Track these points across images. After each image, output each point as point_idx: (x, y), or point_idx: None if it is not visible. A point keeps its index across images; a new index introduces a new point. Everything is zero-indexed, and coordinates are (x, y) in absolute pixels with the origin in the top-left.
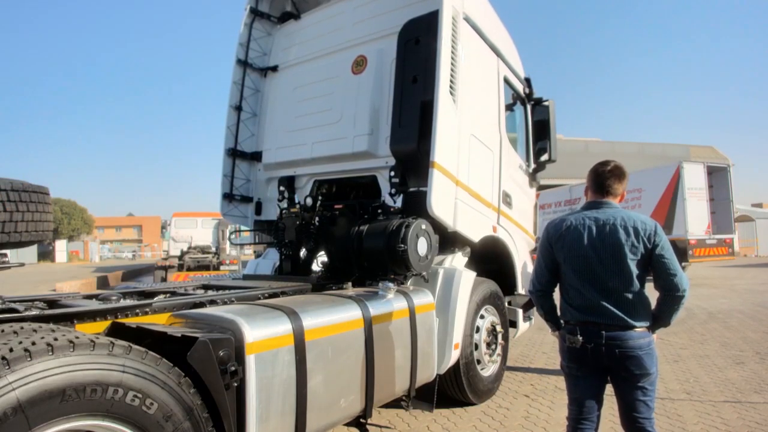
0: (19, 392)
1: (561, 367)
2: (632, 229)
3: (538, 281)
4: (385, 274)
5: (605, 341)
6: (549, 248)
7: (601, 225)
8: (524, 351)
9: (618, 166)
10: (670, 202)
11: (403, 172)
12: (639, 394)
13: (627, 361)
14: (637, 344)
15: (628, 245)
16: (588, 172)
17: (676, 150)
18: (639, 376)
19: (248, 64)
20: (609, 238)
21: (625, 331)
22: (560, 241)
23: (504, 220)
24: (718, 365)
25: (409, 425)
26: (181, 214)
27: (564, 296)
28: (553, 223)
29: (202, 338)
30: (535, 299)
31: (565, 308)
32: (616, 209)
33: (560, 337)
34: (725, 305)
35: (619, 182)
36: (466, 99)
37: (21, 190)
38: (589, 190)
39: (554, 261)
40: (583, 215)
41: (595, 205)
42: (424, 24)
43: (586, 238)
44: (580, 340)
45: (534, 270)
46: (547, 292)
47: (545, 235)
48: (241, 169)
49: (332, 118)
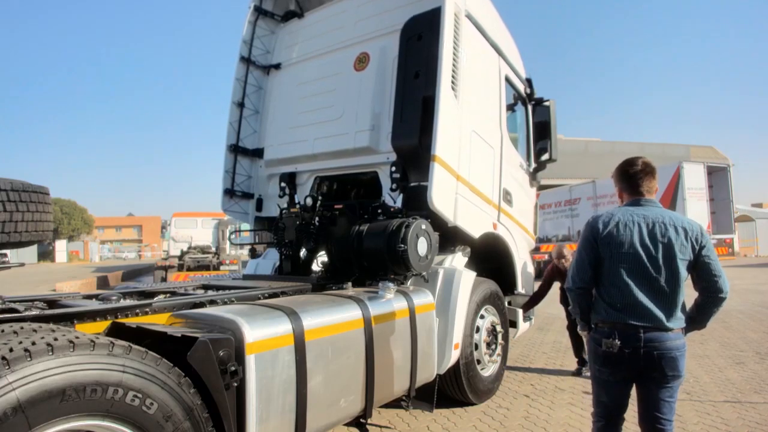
0: (19, 392)
1: (590, 371)
2: (681, 229)
3: (580, 278)
4: (385, 274)
5: (643, 344)
6: (594, 243)
7: (651, 223)
8: (524, 351)
9: (647, 163)
10: (670, 202)
11: (404, 167)
12: (666, 395)
13: (663, 362)
14: (674, 345)
15: (678, 245)
16: (615, 174)
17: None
18: (671, 378)
19: (251, 61)
20: (661, 237)
21: (662, 333)
22: (608, 237)
23: (504, 218)
24: (718, 365)
25: (409, 425)
26: (181, 214)
27: (602, 294)
28: (598, 218)
29: (202, 338)
30: (574, 296)
31: (601, 307)
32: (661, 208)
33: (591, 340)
34: (725, 305)
35: (653, 178)
36: (467, 95)
37: (21, 190)
38: (624, 192)
39: (598, 257)
40: (631, 212)
41: (637, 202)
42: (426, 20)
43: (636, 236)
44: (618, 344)
45: (575, 266)
46: (588, 290)
47: (589, 230)
48: (243, 166)
49: (334, 114)
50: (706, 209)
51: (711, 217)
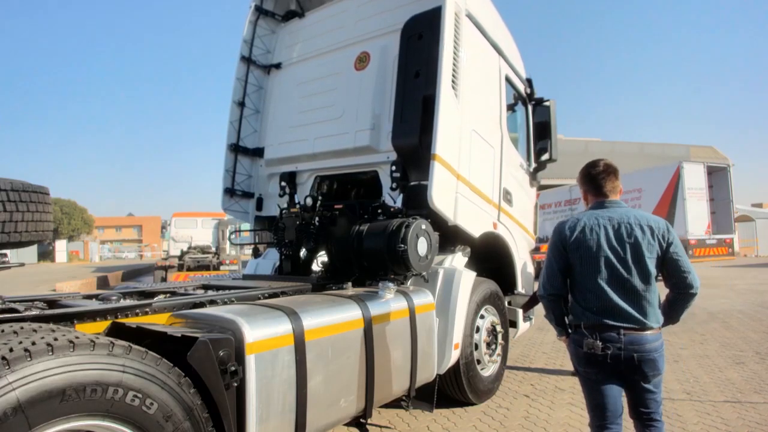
0: (19, 392)
1: (577, 374)
2: (647, 227)
3: (551, 285)
4: (385, 274)
5: (624, 346)
6: (563, 250)
7: (617, 224)
8: (524, 351)
9: (608, 164)
10: (670, 202)
11: (404, 166)
12: (648, 393)
13: (644, 365)
14: (653, 347)
15: (645, 244)
16: (579, 177)
17: (676, 150)
18: (651, 377)
19: (252, 61)
20: (628, 238)
21: (641, 334)
22: (576, 242)
23: (504, 218)
24: (718, 365)
25: (409, 425)
26: (181, 214)
27: (578, 299)
28: (564, 224)
29: (202, 338)
30: (547, 303)
31: (578, 312)
32: (625, 208)
33: (572, 342)
34: (725, 305)
35: (616, 178)
36: (467, 94)
37: (21, 190)
38: (588, 193)
39: (568, 263)
40: (596, 215)
41: (602, 204)
42: (427, 20)
43: (604, 239)
44: (600, 345)
45: (545, 273)
46: (560, 296)
47: (557, 237)
48: (243, 165)
49: (334, 113)
50: (706, 209)
51: (711, 217)
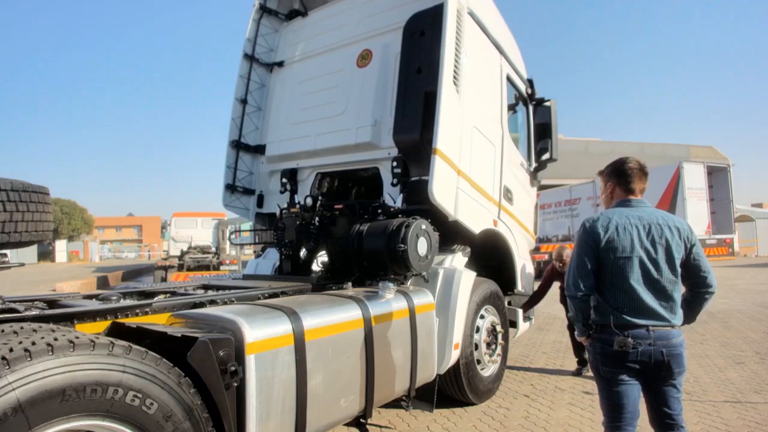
0: (19, 392)
1: (597, 374)
2: (675, 228)
3: (584, 285)
4: (385, 274)
5: (653, 341)
6: (595, 249)
7: (647, 225)
8: (524, 351)
9: (642, 164)
10: (670, 202)
11: (405, 162)
12: (673, 391)
13: (671, 360)
14: (678, 341)
15: (674, 245)
16: (608, 170)
17: (676, 150)
18: (677, 374)
19: (255, 59)
20: (659, 239)
21: (668, 329)
22: (610, 242)
23: (505, 216)
24: (718, 365)
25: (409, 425)
26: (181, 214)
27: (607, 298)
28: (596, 222)
29: (202, 338)
30: (577, 304)
31: (607, 310)
32: (651, 208)
33: (598, 341)
34: (725, 305)
35: (646, 179)
36: (469, 91)
37: (21, 190)
38: (617, 188)
39: (599, 262)
40: (626, 214)
41: (629, 203)
42: (429, 17)
43: (637, 239)
44: (631, 342)
45: (575, 272)
46: (591, 296)
47: (590, 236)
48: (245, 162)
49: (336, 110)
50: (706, 209)
51: (711, 217)
